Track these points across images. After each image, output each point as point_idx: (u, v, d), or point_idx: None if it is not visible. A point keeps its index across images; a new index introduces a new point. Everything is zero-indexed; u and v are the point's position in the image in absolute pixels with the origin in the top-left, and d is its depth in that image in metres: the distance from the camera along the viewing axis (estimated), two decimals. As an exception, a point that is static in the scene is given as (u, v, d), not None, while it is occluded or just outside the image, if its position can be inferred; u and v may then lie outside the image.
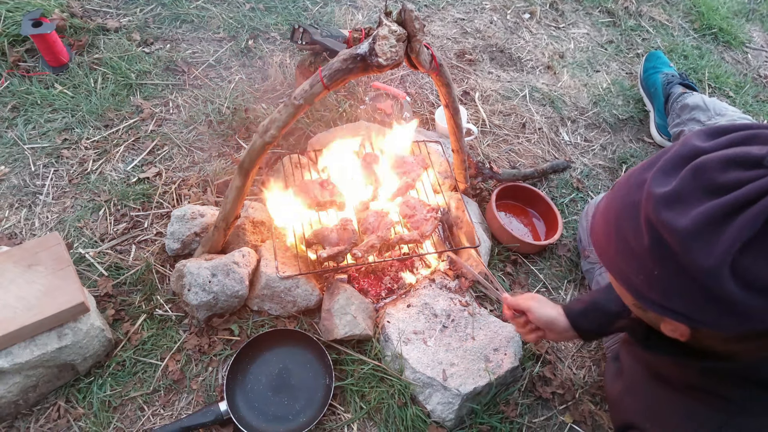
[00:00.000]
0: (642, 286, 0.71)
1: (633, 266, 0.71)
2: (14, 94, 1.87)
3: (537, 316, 1.26)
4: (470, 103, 2.16)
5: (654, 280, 0.68)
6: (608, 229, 0.76)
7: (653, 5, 2.77)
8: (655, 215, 0.65)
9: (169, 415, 1.35)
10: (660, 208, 0.64)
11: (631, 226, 0.70)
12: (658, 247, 0.66)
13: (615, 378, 1.10)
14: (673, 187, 0.64)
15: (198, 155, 1.83)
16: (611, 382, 1.11)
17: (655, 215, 0.65)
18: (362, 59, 1.13)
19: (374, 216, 1.56)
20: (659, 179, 0.67)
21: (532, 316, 1.26)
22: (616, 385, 1.07)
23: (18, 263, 1.30)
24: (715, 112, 1.79)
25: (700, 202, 0.62)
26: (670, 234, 0.63)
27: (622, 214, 0.72)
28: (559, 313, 1.25)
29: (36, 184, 1.69)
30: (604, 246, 0.78)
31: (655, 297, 0.70)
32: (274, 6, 2.33)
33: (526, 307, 1.27)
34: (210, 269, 1.39)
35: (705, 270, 0.61)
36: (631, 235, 0.70)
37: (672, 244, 0.64)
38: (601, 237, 0.79)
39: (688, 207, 0.63)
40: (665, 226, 0.64)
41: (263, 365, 1.42)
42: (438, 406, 1.36)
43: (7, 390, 1.23)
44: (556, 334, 1.27)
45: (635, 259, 0.70)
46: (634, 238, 0.69)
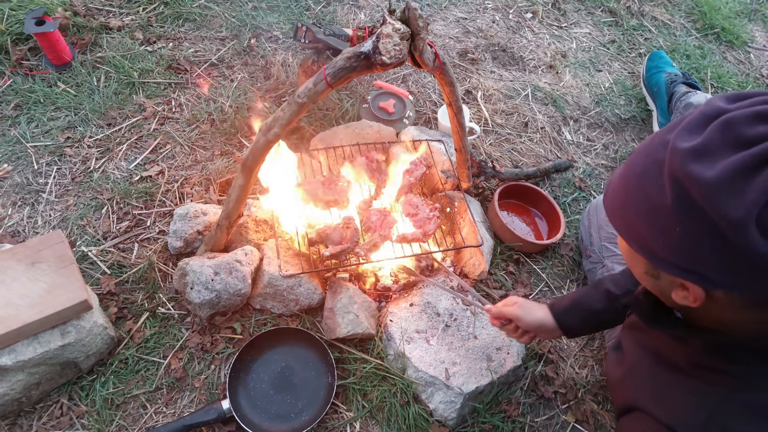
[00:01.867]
0: (660, 248, 0.70)
1: (653, 227, 0.70)
2: (17, 93, 1.87)
3: (526, 323, 1.27)
4: (473, 102, 2.16)
5: (675, 239, 0.68)
6: (627, 192, 0.75)
7: (655, 5, 2.77)
8: (681, 169, 0.64)
9: (172, 413, 1.35)
10: (687, 161, 0.64)
11: (653, 186, 0.69)
12: (682, 203, 0.65)
13: (616, 365, 1.10)
14: (701, 141, 0.64)
15: (200, 154, 1.83)
16: (613, 369, 1.11)
17: (681, 169, 0.64)
18: (366, 57, 1.13)
19: (377, 215, 1.56)
20: (684, 136, 0.66)
21: (521, 323, 1.28)
22: (617, 370, 1.07)
23: (21, 261, 1.30)
24: None
25: (728, 155, 0.62)
26: (696, 186, 0.63)
27: (644, 174, 0.71)
28: (546, 314, 1.27)
29: (39, 182, 1.69)
30: (621, 210, 0.77)
31: (673, 258, 0.69)
32: (277, 5, 2.34)
33: (513, 316, 1.29)
34: (213, 267, 1.39)
35: (731, 221, 0.61)
36: (654, 194, 0.69)
37: (697, 197, 0.63)
38: (617, 202, 0.78)
39: (716, 159, 0.62)
40: (691, 178, 0.63)
41: (266, 364, 1.42)
42: (440, 405, 1.36)
43: (11, 387, 1.23)
44: (547, 334, 1.29)
45: (656, 218, 0.69)
46: (657, 197, 0.68)
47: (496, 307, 1.33)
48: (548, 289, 1.69)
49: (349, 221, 1.51)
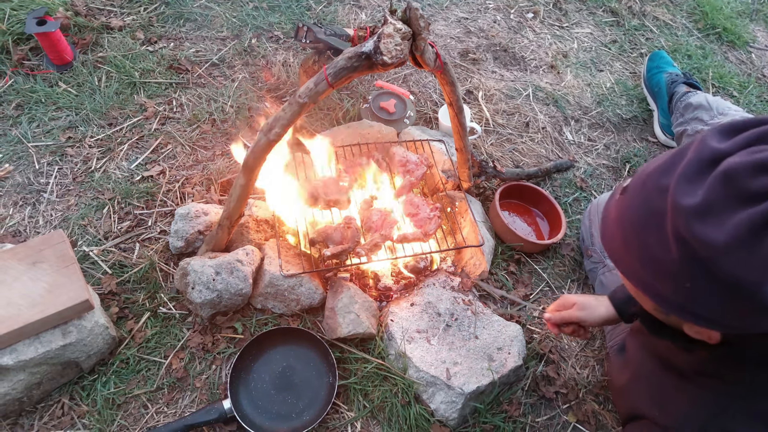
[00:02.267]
0: (670, 296, 0.69)
1: (658, 276, 0.68)
2: (18, 93, 1.87)
3: (591, 323, 1.25)
4: (474, 102, 2.16)
5: (685, 291, 0.66)
6: (625, 236, 0.73)
7: (657, 5, 2.77)
8: (687, 230, 0.62)
9: (173, 413, 1.35)
10: (692, 222, 0.61)
11: (655, 237, 0.67)
12: (691, 262, 0.63)
13: (621, 369, 1.09)
14: (703, 198, 0.61)
15: (202, 154, 1.83)
16: (617, 374, 1.11)
17: (687, 230, 0.62)
18: (367, 57, 1.13)
19: (377, 215, 1.56)
20: (684, 188, 0.64)
21: (586, 323, 1.26)
22: (622, 375, 1.07)
23: (23, 261, 1.30)
24: (717, 112, 1.78)
25: (735, 213, 0.59)
26: (705, 249, 0.60)
27: (642, 222, 0.69)
28: (608, 308, 1.24)
29: (40, 182, 1.69)
30: (621, 254, 0.75)
31: (685, 306, 0.68)
32: (278, 5, 2.34)
33: (577, 319, 1.26)
34: (214, 267, 1.39)
35: (745, 282, 0.59)
36: (656, 246, 0.67)
37: (707, 259, 0.61)
38: (616, 244, 0.76)
39: (722, 219, 0.60)
40: (699, 241, 0.61)
41: (267, 363, 1.42)
42: (441, 405, 1.36)
43: (12, 387, 1.23)
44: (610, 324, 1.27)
45: (661, 269, 0.67)
46: (660, 250, 0.66)
47: (557, 314, 1.30)
48: (549, 289, 1.68)
49: (350, 221, 1.51)
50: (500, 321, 1.51)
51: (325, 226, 1.51)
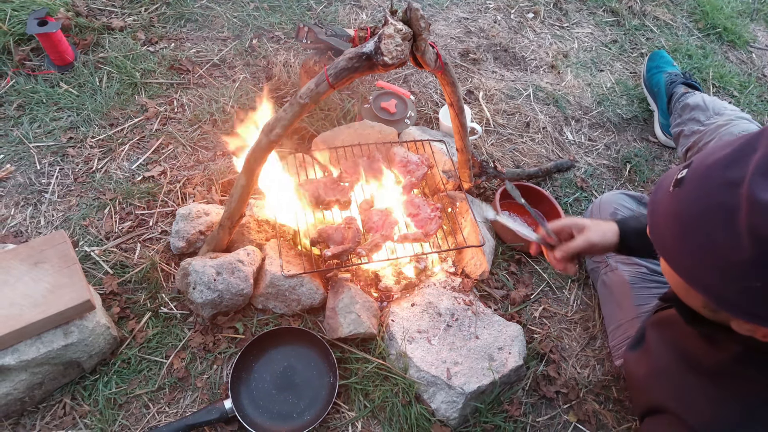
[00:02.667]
0: (730, 295, 0.66)
1: (723, 276, 0.66)
2: (20, 93, 1.87)
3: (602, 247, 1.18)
4: (474, 103, 2.16)
5: (752, 291, 0.63)
6: (684, 232, 0.69)
7: (657, 5, 2.77)
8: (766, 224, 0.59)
9: (174, 413, 1.35)
10: None
11: (723, 235, 0.64)
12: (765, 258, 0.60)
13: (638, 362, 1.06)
14: None
15: (203, 154, 1.83)
16: (635, 366, 1.07)
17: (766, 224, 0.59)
18: (368, 58, 1.13)
19: (378, 215, 1.56)
20: (763, 184, 0.60)
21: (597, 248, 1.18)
22: (640, 368, 1.03)
23: (24, 261, 1.30)
24: (713, 112, 1.78)
25: None
26: None
27: (708, 219, 0.66)
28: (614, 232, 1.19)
29: (41, 183, 1.70)
30: (678, 253, 0.72)
31: (747, 306, 0.65)
32: (279, 5, 2.34)
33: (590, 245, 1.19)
34: (215, 267, 1.40)
35: None
36: (725, 245, 0.64)
37: None
38: (669, 240, 0.73)
39: None
40: None
41: (268, 363, 1.43)
42: (442, 404, 1.36)
43: (14, 387, 1.24)
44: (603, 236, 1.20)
45: (729, 269, 0.65)
46: (730, 249, 0.63)
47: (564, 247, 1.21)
48: (549, 289, 1.69)
49: (351, 221, 1.51)
50: (501, 321, 1.51)
51: (326, 227, 1.51)
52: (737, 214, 0.62)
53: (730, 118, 1.71)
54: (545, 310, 1.64)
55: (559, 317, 1.63)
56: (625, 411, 1.46)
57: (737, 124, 1.65)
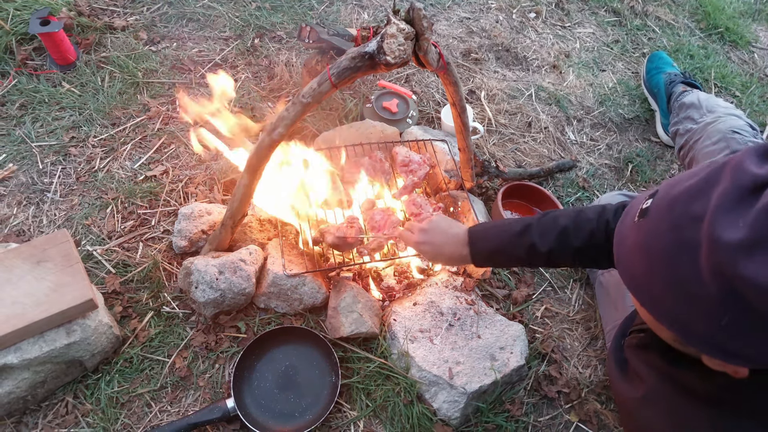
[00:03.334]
0: (699, 331, 0.65)
1: (690, 312, 0.64)
2: (22, 93, 1.88)
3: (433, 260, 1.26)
4: (476, 102, 2.16)
5: (720, 328, 0.62)
6: (651, 267, 0.68)
7: (659, 5, 2.77)
8: (731, 268, 0.57)
9: (176, 412, 1.35)
10: (737, 260, 0.56)
11: (689, 271, 0.62)
12: (732, 299, 0.58)
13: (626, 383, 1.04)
14: (748, 233, 0.56)
15: (205, 153, 1.83)
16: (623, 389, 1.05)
17: (731, 268, 0.57)
18: (370, 57, 1.13)
19: (380, 214, 1.56)
20: (723, 221, 0.59)
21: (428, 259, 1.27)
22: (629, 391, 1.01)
23: (27, 260, 1.31)
24: (706, 110, 1.78)
25: None
26: (752, 289, 0.56)
27: (673, 253, 0.64)
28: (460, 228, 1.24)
29: (44, 182, 1.70)
30: (646, 286, 0.70)
31: (715, 342, 0.64)
32: (281, 5, 2.34)
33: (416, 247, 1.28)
34: (217, 267, 1.40)
35: None
36: (691, 281, 0.62)
37: (753, 299, 0.57)
38: (638, 273, 0.71)
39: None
40: (746, 280, 0.56)
41: (270, 363, 1.43)
42: (444, 404, 1.36)
43: (16, 386, 1.24)
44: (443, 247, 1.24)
45: (695, 305, 0.63)
46: (695, 284, 0.62)
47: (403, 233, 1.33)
48: (551, 289, 1.69)
49: (354, 220, 1.51)
50: (503, 321, 1.51)
51: (328, 225, 1.51)
52: (699, 251, 0.61)
53: (718, 115, 1.70)
54: (547, 309, 1.64)
55: (561, 317, 1.63)
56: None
57: (725, 120, 1.65)
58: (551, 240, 1.12)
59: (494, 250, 1.19)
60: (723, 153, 1.55)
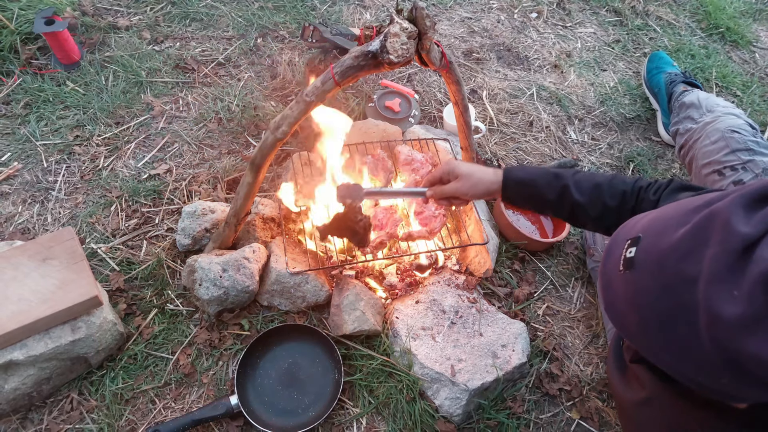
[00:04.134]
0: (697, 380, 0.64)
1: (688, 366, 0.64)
2: (27, 92, 1.89)
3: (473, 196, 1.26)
4: (478, 102, 2.17)
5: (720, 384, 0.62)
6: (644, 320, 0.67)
7: (660, 5, 2.78)
8: (735, 344, 0.56)
9: (180, 408, 1.36)
10: (737, 336, 0.56)
11: (686, 334, 0.62)
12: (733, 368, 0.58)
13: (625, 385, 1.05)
14: (747, 310, 0.55)
15: (208, 152, 1.84)
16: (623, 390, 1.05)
17: (735, 344, 0.56)
18: (374, 56, 1.14)
19: (383, 213, 1.57)
20: (719, 291, 0.58)
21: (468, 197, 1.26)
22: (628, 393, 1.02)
23: (33, 257, 1.32)
24: (706, 109, 1.79)
25: None
26: (756, 363, 0.56)
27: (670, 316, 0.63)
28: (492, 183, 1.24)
29: (48, 180, 1.71)
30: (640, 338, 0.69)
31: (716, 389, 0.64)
32: (283, 5, 2.35)
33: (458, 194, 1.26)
34: (221, 264, 1.41)
35: None
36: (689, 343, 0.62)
37: (756, 371, 0.56)
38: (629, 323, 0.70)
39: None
40: (751, 357, 0.55)
41: (273, 360, 1.44)
42: (446, 401, 1.37)
43: (22, 382, 1.25)
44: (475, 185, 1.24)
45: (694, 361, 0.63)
46: (695, 347, 0.61)
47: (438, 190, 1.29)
48: (553, 287, 1.69)
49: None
50: (504, 318, 1.52)
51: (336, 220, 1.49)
52: (697, 317, 0.60)
53: (717, 115, 1.71)
54: (549, 308, 1.64)
55: (563, 315, 1.64)
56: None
57: (723, 120, 1.65)
58: (585, 190, 1.14)
59: (527, 181, 1.20)
60: (722, 152, 1.56)
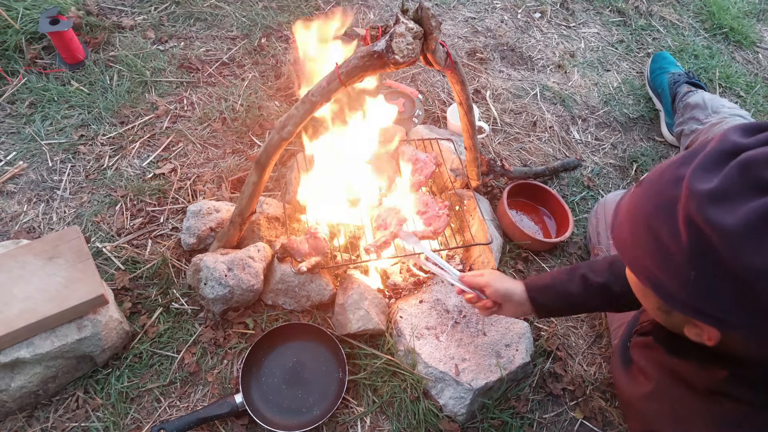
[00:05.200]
0: (673, 289, 0.68)
1: (666, 268, 0.68)
2: (32, 91, 1.89)
3: (495, 290, 1.26)
4: (481, 102, 2.17)
5: (690, 282, 0.65)
6: (637, 229, 0.72)
7: (664, 5, 2.77)
8: (700, 213, 0.61)
9: (185, 407, 1.37)
10: (705, 206, 0.61)
11: (666, 226, 0.67)
12: (700, 248, 0.63)
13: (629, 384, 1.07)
14: (718, 184, 0.61)
15: (212, 152, 1.85)
16: (627, 386, 1.07)
17: (700, 213, 0.61)
18: (379, 56, 1.14)
19: (386, 212, 1.58)
20: (700, 176, 0.63)
21: (490, 290, 1.27)
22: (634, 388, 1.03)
23: (39, 256, 1.32)
24: (711, 110, 1.79)
25: (749, 200, 0.59)
26: (716, 233, 0.60)
27: (655, 213, 0.69)
28: (517, 286, 1.27)
29: (53, 179, 1.72)
30: (631, 247, 0.74)
31: (687, 299, 0.67)
32: (287, 5, 2.35)
33: (484, 283, 1.28)
34: (226, 263, 1.41)
35: (753, 271, 0.59)
36: (666, 236, 0.66)
37: (717, 245, 0.60)
38: (626, 237, 0.75)
39: (736, 205, 0.59)
40: (711, 224, 0.60)
41: (277, 359, 1.44)
42: (450, 400, 1.37)
43: (28, 380, 1.25)
44: (514, 307, 1.28)
45: (669, 260, 0.67)
46: (670, 239, 0.66)
47: (468, 276, 1.32)
48: (557, 287, 1.69)
49: (315, 232, 1.47)
50: (508, 318, 1.52)
51: (290, 240, 1.48)
52: (677, 206, 0.65)
53: (723, 116, 1.71)
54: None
55: (566, 315, 1.64)
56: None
57: (729, 121, 1.66)
58: (601, 271, 1.21)
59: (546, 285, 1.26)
60: None
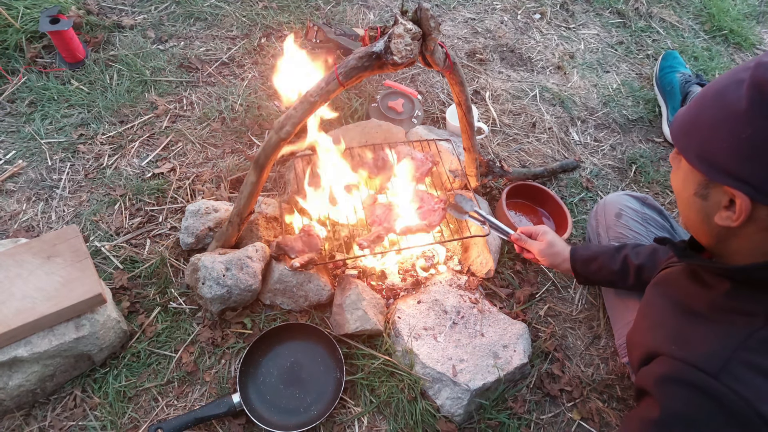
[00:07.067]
0: (722, 156, 0.76)
1: (721, 131, 0.76)
2: (32, 90, 1.90)
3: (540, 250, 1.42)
4: (481, 103, 2.17)
5: (742, 143, 0.73)
6: (701, 107, 0.80)
7: (663, 6, 2.78)
8: (765, 75, 0.71)
9: (183, 406, 1.37)
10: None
11: (731, 96, 0.75)
12: (758, 104, 0.71)
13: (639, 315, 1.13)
14: None
15: (211, 151, 1.85)
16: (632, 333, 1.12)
17: (765, 75, 0.71)
18: (378, 57, 1.14)
19: (381, 209, 1.58)
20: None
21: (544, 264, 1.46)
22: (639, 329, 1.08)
23: (37, 255, 1.32)
24: None
25: None
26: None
27: (723, 89, 0.77)
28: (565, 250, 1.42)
29: (53, 178, 1.72)
30: (689, 126, 0.82)
31: (732, 165, 0.75)
32: (287, 5, 2.36)
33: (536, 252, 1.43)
34: (224, 263, 1.41)
35: None
36: (730, 103, 0.75)
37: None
38: (687, 119, 0.83)
39: None
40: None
41: (275, 358, 1.44)
42: (447, 401, 1.37)
43: (26, 379, 1.26)
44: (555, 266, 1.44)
45: (726, 123, 0.75)
46: (733, 104, 0.74)
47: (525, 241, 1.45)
48: (554, 288, 1.70)
49: (309, 229, 1.49)
50: (506, 319, 1.52)
51: (284, 238, 1.49)
52: (745, 80, 0.73)
53: None
54: (550, 308, 1.65)
55: (564, 316, 1.64)
56: (629, 409, 1.47)
57: None
58: (642, 254, 1.33)
59: (590, 258, 1.39)
60: None
